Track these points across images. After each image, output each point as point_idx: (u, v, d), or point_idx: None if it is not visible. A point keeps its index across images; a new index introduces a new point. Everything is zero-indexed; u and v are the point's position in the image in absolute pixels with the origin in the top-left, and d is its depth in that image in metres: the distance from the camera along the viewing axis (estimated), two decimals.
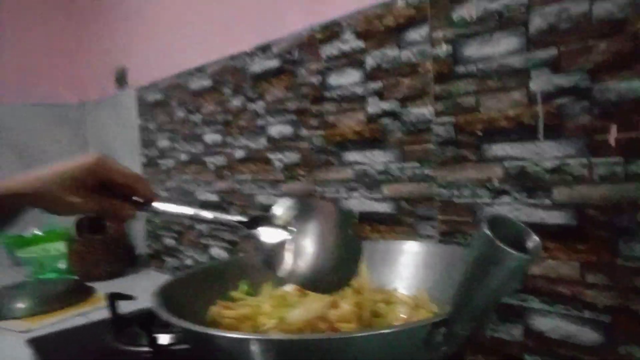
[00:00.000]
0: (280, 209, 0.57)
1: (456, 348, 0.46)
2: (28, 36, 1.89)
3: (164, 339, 0.77)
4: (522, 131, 0.66)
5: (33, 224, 1.81)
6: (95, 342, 0.85)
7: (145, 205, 0.59)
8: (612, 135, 0.58)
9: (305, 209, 0.58)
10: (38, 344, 0.86)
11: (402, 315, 0.59)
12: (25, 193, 0.56)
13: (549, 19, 0.62)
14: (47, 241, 1.68)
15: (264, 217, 0.56)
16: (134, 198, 0.58)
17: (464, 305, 0.42)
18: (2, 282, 1.38)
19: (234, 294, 0.70)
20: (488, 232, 0.38)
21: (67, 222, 1.57)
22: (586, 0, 0.59)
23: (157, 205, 0.59)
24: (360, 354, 0.44)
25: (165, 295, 0.58)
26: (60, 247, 1.59)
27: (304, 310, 0.58)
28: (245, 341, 0.46)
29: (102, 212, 0.57)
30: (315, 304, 0.59)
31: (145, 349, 0.75)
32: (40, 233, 1.76)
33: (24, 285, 1.29)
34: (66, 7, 1.97)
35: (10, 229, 0.60)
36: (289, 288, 0.67)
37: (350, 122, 0.89)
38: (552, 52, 0.62)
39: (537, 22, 0.63)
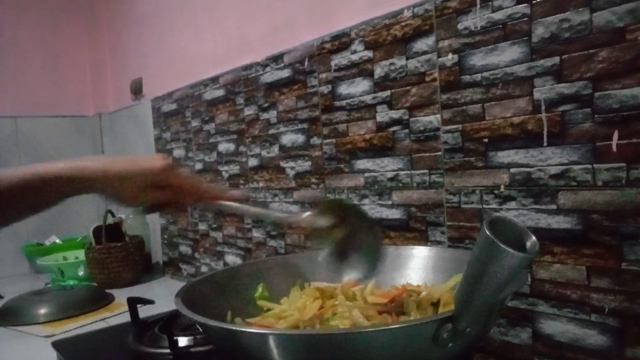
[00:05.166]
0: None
1: (463, 346, 0.48)
2: (46, 51, 1.95)
3: (184, 341, 0.80)
4: (527, 138, 0.67)
5: (53, 233, 1.86)
6: (118, 345, 0.88)
7: (207, 201, 0.67)
8: (615, 141, 0.59)
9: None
10: (63, 346, 0.89)
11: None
12: (98, 180, 0.61)
13: (551, 29, 0.64)
14: (67, 249, 1.72)
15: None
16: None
17: (467, 303, 0.44)
18: (23, 289, 1.42)
19: (257, 296, 0.73)
20: (488, 232, 0.40)
21: (85, 231, 1.61)
22: (587, 10, 0.60)
23: (225, 203, 0.68)
24: (370, 349, 0.46)
25: (188, 296, 0.61)
26: (80, 255, 1.63)
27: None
28: (268, 336, 0.49)
29: (163, 206, 0.66)
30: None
31: (166, 351, 0.78)
32: (59, 241, 1.80)
33: (45, 292, 1.32)
34: (84, 23, 2.02)
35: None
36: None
37: (360, 131, 0.91)
38: (554, 60, 0.64)
39: (539, 32, 0.65)
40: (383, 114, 0.87)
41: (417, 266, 0.74)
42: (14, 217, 0.64)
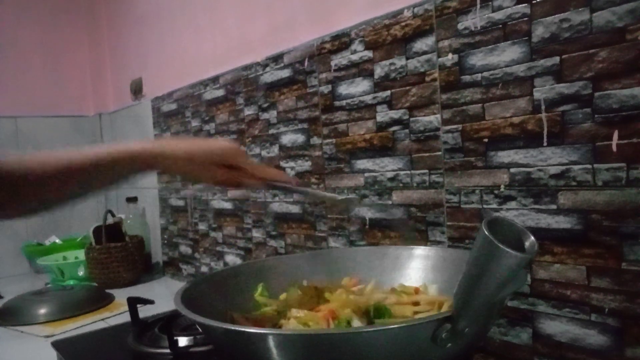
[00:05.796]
0: None
1: (462, 346, 0.48)
2: (46, 51, 1.95)
3: (184, 341, 0.80)
4: (527, 138, 0.67)
5: (53, 233, 1.86)
6: (118, 345, 0.88)
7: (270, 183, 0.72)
8: (615, 141, 0.59)
9: None
10: (63, 346, 0.90)
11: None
12: (177, 157, 0.67)
13: (551, 29, 0.64)
14: (67, 249, 1.72)
15: None
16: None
17: (466, 303, 0.44)
18: (23, 289, 1.42)
19: (256, 296, 0.74)
20: (487, 232, 0.40)
21: (85, 231, 1.61)
22: (587, 10, 0.60)
23: (286, 185, 0.74)
24: (369, 349, 0.47)
25: (188, 296, 0.61)
26: (80, 255, 1.63)
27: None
28: (267, 336, 0.49)
29: (231, 183, 0.71)
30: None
31: (166, 351, 0.78)
32: (59, 241, 1.80)
33: (45, 292, 1.32)
34: (84, 23, 2.03)
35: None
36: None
37: (360, 131, 0.91)
38: (554, 60, 0.64)
39: (539, 32, 0.65)
40: (383, 114, 0.87)
41: (417, 266, 0.74)
42: (86, 192, 0.69)
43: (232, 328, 0.52)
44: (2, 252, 1.81)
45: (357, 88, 0.91)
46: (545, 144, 0.65)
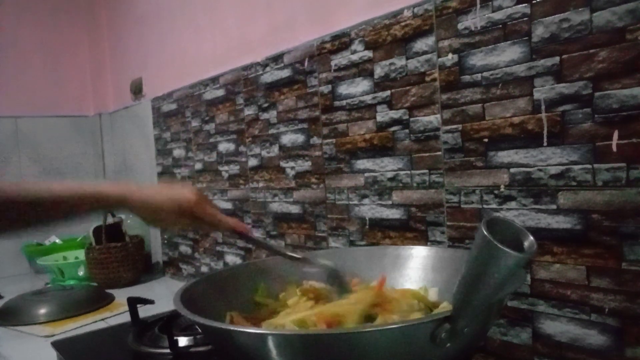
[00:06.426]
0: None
1: (461, 345, 0.48)
2: (46, 51, 1.95)
3: (184, 341, 0.80)
4: (527, 138, 0.67)
5: (53, 233, 1.86)
6: (118, 345, 0.88)
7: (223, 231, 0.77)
8: (615, 141, 0.59)
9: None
10: (63, 346, 0.90)
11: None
12: (144, 205, 0.72)
13: (551, 29, 0.64)
14: (67, 249, 1.72)
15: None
16: None
17: (465, 303, 0.44)
18: (23, 289, 1.42)
19: (256, 297, 0.74)
20: (486, 232, 0.40)
21: (85, 231, 1.61)
22: (587, 10, 0.60)
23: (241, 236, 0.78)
24: (368, 349, 0.47)
25: (187, 296, 0.61)
26: (80, 255, 1.63)
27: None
28: (267, 336, 0.49)
29: (194, 228, 0.76)
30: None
31: (166, 351, 0.78)
32: (59, 241, 1.80)
33: (45, 292, 1.32)
34: (84, 23, 2.03)
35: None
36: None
37: (360, 131, 0.91)
38: (554, 60, 0.64)
39: (539, 32, 0.65)
40: (383, 114, 0.87)
41: (417, 266, 0.75)
42: (50, 225, 0.76)
43: (232, 328, 0.52)
44: (2, 252, 1.81)
45: (357, 88, 0.91)
46: (545, 144, 0.65)
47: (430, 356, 0.48)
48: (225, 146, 1.29)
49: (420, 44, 0.80)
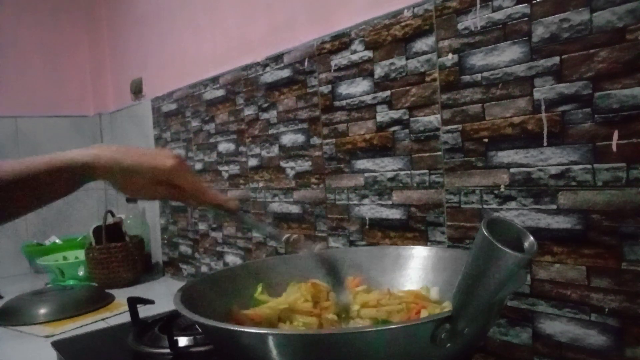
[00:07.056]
0: None
1: (462, 346, 0.48)
2: (46, 51, 1.95)
3: (184, 341, 0.80)
4: (527, 138, 0.67)
5: (53, 233, 1.86)
6: (118, 345, 0.88)
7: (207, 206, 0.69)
8: (615, 141, 0.59)
9: None
10: (63, 346, 0.90)
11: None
12: (109, 170, 0.63)
13: (551, 29, 0.64)
14: (67, 249, 1.72)
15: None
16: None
17: (465, 303, 0.44)
18: (23, 289, 1.42)
19: (256, 295, 0.74)
20: (486, 232, 0.40)
21: (85, 231, 1.61)
22: (587, 10, 0.60)
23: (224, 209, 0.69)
24: (368, 349, 0.47)
25: (187, 296, 0.61)
26: (80, 255, 1.63)
27: None
28: (267, 336, 0.49)
29: (174, 199, 0.68)
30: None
31: (166, 351, 0.78)
32: (59, 241, 1.80)
33: (45, 292, 1.32)
34: (84, 23, 2.03)
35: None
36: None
37: (360, 131, 0.91)
38: (554, 60, 0.64)
39: (539, 32, 0.65)
40: (383, 114, 0.87)
41: (417, 266, 0.74)
42: (20, 210, 0.64)
43: (232, 328, 0.52)
44: (2, 252, 1.81)
45: (357, 88, 0.91)
46: (545, 144, 0.65)
47: (431, 356, 0.48)
48: (225, 146, 1.29)
49: (420, 44, 0.80)
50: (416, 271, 0.74)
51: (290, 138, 1.07)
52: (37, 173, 0.62)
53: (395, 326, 0.49)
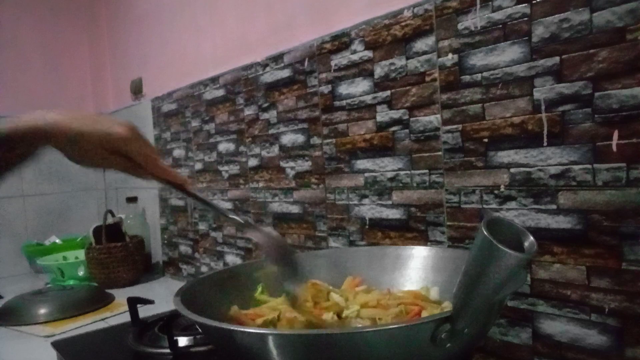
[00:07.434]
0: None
1: (462, 346, 0.48)
2: (46, 51, 1.95)
3: (184, 341, 0.80)
4: (527, 138, 0.67)
5: (53, 233, 1.86)
6: (118, 345, 0.88)
7: (159, 181, 0.65)
8: (615, 141, 0.59)
9: None
10: (63, 346, 0.90)
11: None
12: (56, 134, 0.59)
13: (551, 29, 0.64)
14: (67, 249, 1.72)
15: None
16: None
17: (465, 303, 0.44)
18: (23, 289, 1.42)
19: (257, 295, 0.74)
20: (486, 232, 0.40)
21: (85, 231, 1.61)
22: (587, 10, 0.60)
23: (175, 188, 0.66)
24: (368, 349, 0.47)
25: (187, 296, 0.61)
26: (80, 255, 1.63)
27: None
28: (267, 336, 0.49)
29: (125, 171, 0.64)
30: None
31: (166, 351, 0.78)
32: (59, 241, 1.80)
33: (45, 292, 1.32)
34: (84, 23, 2.03)
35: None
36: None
37: (360, 131, 0.91)
38: (554, 60, 0.64)
39: (539, 32, 0.65)
40: (383, 114, 0.87)
41: (416, 266, 0.75)
42: None
43: (233, 328, 0.52)
44: (2, 252, 1.81)
45: (357, 88, 0.91)
46: (545, 144, 0.65)
47: (430, 356, 0.48)
48: (225, 146, 1.29)
49: (420, 44, 0.80)
50: (416, 271, 0.74)
51: (290, 138, 1.07)
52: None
53: (395, 326, 0.49)
